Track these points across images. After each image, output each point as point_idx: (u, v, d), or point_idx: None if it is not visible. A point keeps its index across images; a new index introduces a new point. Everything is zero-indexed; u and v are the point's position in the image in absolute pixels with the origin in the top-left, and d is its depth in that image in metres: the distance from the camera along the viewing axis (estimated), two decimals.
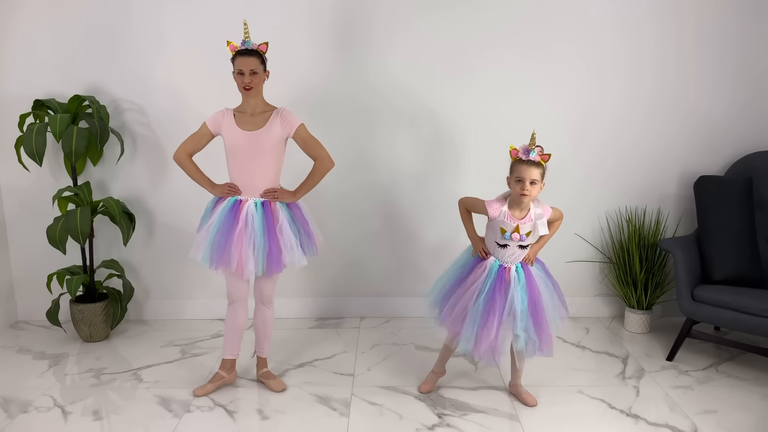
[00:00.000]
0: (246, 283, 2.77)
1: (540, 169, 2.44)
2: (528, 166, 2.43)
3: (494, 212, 2.52)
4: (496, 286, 2.50)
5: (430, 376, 2.87)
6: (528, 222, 2.51)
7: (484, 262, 2.58)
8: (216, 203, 2.70)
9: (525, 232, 2.50)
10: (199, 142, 2.70)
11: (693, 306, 3.06)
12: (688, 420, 2.59)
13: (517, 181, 2.45)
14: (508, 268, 2.54)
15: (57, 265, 3.55)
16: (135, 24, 3.40)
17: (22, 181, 3.55)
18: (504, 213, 2.50)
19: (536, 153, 2.44)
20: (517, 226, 2.48)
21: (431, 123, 3.54)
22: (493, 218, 2.53)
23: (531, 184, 2.43)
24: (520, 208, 2.51)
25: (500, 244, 2.53)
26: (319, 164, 2.70)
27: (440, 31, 3.43)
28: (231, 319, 2.80)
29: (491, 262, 2.56)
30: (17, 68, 3.44)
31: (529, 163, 2.43)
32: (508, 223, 2.49)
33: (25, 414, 2.65)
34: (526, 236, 2.50)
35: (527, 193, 2.43)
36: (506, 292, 2.49)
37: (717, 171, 3.60)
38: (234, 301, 2.79)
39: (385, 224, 3.68)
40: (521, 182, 2.44)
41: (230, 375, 2.87)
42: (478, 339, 2.47)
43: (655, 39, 3.46)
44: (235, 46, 2.61)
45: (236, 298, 2.78)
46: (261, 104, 2.67)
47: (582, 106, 3.54)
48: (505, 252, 2.54)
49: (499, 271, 2.53)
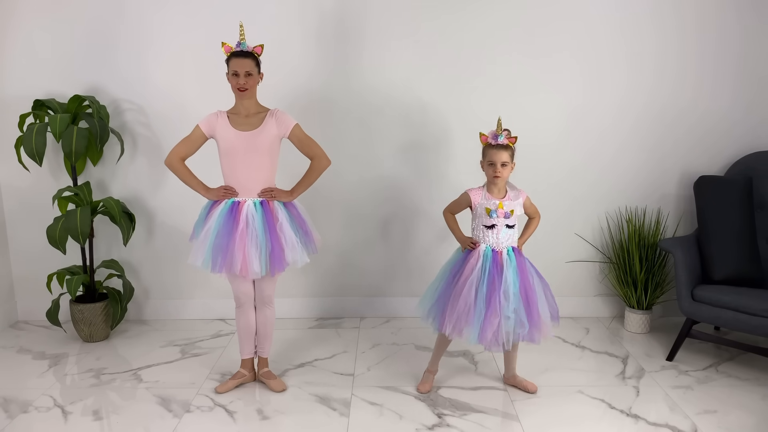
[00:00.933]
0: (250, 284, 2.78)
1: (509, 151, 2.61)
2: (497, 149, 2.60)
3: (476, 197, 2.68)
4: (492, 270, 2.58)
5: (427, 376, 2.88)
6: (507, 200, 2.65)
7: (475, 252, 2.63)
8: (211, 207, 2.69)
9: (508, 209, 2.63)
10: (192, 146, 2.69)
11: (693, 306, 3.06)
12: (688, 420, 2.59)
13: (489, 164, 2.63)
14: (500, 252, 2.62)
15: (57, 265, 3.55)
16: (135, 24, 3.41)
17: (22, 181, 3.56)
18: (484, 195, 2.68)
19: (504, 137, 2.60)
20: (500, 203, 2.63)
21: (430, 123, 3.54)
22: (476, 204, 2.67)
23: (502, 166, 2.60)
24: (497, 189, 2.67)
25: (488, 225, 2.63)
26: (316, 163, 2.71)
27: (440, 32, 3.43)
28: (243, 322, 2.82)
29: (483, 248, 2.63)
30: (17, 68, 3.44)
31: (498, 146, 2.60)
32: (491, 201, 2.64)
33: (25, 414, 2.65)
34: (510, 213, 2.63)
35: (499, 175, 2.60)
36: (501, 274, 2.57)
37: (717, 171, 3.60)
38: (242, 303, 2.79)
39: (384, 224, 3.68)
40: (493, 165, 2.61)
41: (250, 374, 2.91)
42: (483, 328, 2.52)
43: (656, 39, 3.46)
44: (230, 48, 2.62)
45: (244, 300, 2.79)
46: (255, 106, 2.68)
47: (582, 106, 3.53)
48: (494, 233, 2.62)
49: (492, 255, 2.61)
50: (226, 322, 3.69)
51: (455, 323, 2.57)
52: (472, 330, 2.53)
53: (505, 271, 2.57)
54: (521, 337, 2.58)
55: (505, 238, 2.63)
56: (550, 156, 3.57)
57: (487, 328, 2.51)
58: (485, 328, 2.51)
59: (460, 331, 2.57)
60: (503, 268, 2.58)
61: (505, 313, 2.52)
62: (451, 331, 2.59)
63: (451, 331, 2.59)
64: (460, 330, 2.57)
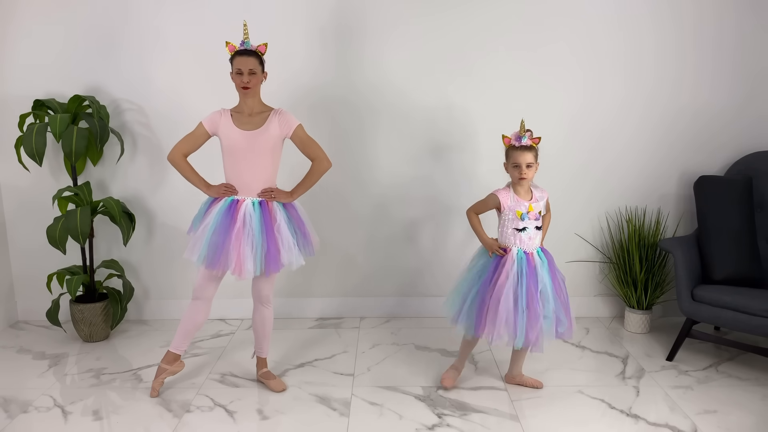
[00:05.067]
0: (216, 285, 2.74)
1: (533, 152, 2.60)
2: (522, 151, 2.58)
3: (505, 199, 2.65)
4: (528, 273, 2.58)
5: (452, 372, 2.87)
6: (535, 201, 2.65)
7: (508, 256, 2.62)
8: (211, 204, 2.70)
9: (537, 210, 2.64)
10: (195, 143, 2.70)
11: (693, 306, 3.06)
12: (688, 420, 2.59)
13: (514, 166, 2.61)
14: (531, 253, 2.63)
15: (57, 265, 3.55)
16: (135, 24, 3.41)
17: (22, 181, 3.55)
18: (513, 198, 2.65)
19: (527, 138, 2.59)
20: (530, 205, 2.62)
21: (430, 123, 3.54)
22: (505, 206, 2.64)
23: (527, 167, 2.59)
24: (523, 191, 2.66)
25: (519, 228, 2.62)
26: (316, 165, 2.71)
27: (440, 31, 3.43)
28: (191, 316, 2.73)
29: (515, 253, 2.62)
30: (17, 68, 3.44)
31: (522, 148, 2.59)
32: (521, 204, 2.62)
33: (25, 414, 2.65)
34: (539, 214, 2.64)
35: (525, 176, 2.59)
36: (535, 276, 2.58)
37: (717, 171, 3.60)
38: (197, 298, 2.73)
39: (384, 224, 3.68)
40: (518, 167, 2.60)
41: (173, 366, 2.80)
42: (527, 332, 2.53)
43: (655, 38, 3.46)
44: (233, 47, 2.62)
45: (200, 296, 2.73)
46: (258, 105, 2.68)
47: (581, 106, 3.54)
48: (524, 236, 2.62)
49: (525, 258, 2.61)
50: (226, 322, 3.69)
51: (498, 329, 2.54)
52: (516, 336, 2.53)
53: (540, 272, 2.58)
54: (561, 334, 2.61)
55: (534, 240, 2.64)
56: (550, 156, 3.55)
57: (530, 331, 2.53)
58: (528, 332, 2.53)
59: (500, 336, 2.55)
60: (537, 269, 2.59)
61: (545, 314, 2.54)
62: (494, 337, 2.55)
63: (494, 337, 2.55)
64: (502, 335, 2.55)
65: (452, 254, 3.66)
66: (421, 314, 3.73)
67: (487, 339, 2.59)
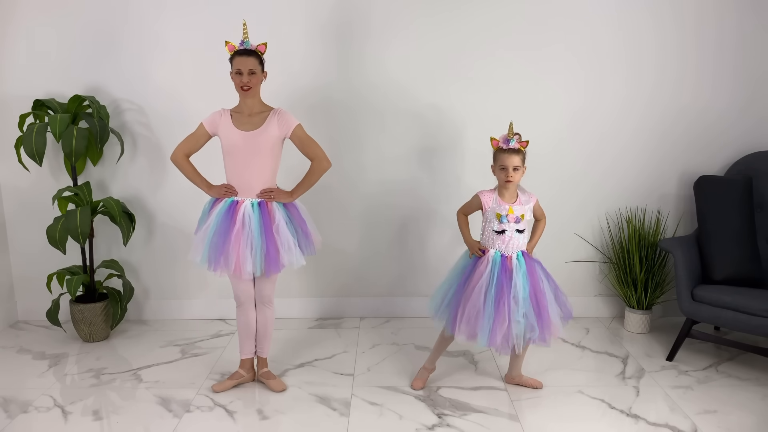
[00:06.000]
0: (249, 285, 2.78)
1: (520, 155, 2.62)
2: (509, 154, 2.60)
3: (487, 201, 2.68)
4: (501, 275, 2.58)
5: (423, 373, 2.90)
6: (518, 205, 2.65)
7: (485, 257, 2.64)
8: (213, 204, 2.71)
9: (519, 214, 2.63)
10: (196, 143, 2.70)
11: (693, 306, 3.06)
12: (688, 420, 2.59)
13: (501, 169, 2.63)
14: (510, 257, 2.62)
15: (57, 265, 3.55)
16: (135, 24, 3.40)
17: (22, 181, 3.55)
18: (495, 200, 2.67)
19: (515, 141, 2.61)
20: (510, 208, 2.62)
21: (430, 123, 3.53)
22: (487, 207, 2.67)
23: (514, 170, 2.61)
24: (508, 194, 2.67)
25: (498, 231, 2.62)
26: (316, 164, 2.71)
27: (440, 31, 3.43)
28: (243, 321, 2.82)
29: (492, 254, 2.63)
30: (17, 68, 3.44)
31: (510, 151, 2.61)
32: (502, 206, 2.64)
33: (25, 414, 2.65)
34: (520, 218, 2.63)
35: (511, 179, 2.61)
36: (510, 279, 2.58)
37: (717, 171, 3.60)
38: (242, 302, 2.79)
39: (385, 224, 3.68)
40: (505, 170, 2.62)
41: (249, 374, 2.91)
42: (492, 332, 2.54)
43: (655, 38, 3.46)
44: (233, 46, 2.62)
45: (244, 300, 2.79)
46: (258, 105, 2.67)
47: (582, 106, 3.53)
48: (504, 239, 2.62)
49: (501, 260, 2.61)
50: (225, 322, 3.69)
51: (466, 327, 2.58)
52: (482, 334, 2.54)
53: (515, 276, 2.58)
54: (532, 340, 2.60)
55: (514, 243, 2.63)
56: (550, 156, 3.56)
57: (497, 332, 2.53)
58: (494, 332, 2.53)
59: (471, 335, 2.58)
60: (512, 273, 2.58)
61: (515, 317, 2.54)
62: (463, 335, 2.60)
63: (463, 335, 2.60)
64: (472, 334, 2.58)
65: (452, 254, 3.65)
66: (421, 314, 3.73)
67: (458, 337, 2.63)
